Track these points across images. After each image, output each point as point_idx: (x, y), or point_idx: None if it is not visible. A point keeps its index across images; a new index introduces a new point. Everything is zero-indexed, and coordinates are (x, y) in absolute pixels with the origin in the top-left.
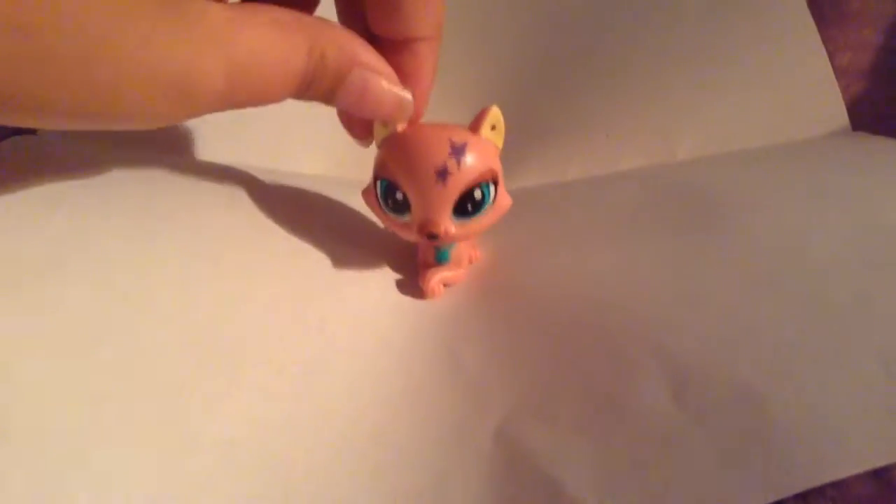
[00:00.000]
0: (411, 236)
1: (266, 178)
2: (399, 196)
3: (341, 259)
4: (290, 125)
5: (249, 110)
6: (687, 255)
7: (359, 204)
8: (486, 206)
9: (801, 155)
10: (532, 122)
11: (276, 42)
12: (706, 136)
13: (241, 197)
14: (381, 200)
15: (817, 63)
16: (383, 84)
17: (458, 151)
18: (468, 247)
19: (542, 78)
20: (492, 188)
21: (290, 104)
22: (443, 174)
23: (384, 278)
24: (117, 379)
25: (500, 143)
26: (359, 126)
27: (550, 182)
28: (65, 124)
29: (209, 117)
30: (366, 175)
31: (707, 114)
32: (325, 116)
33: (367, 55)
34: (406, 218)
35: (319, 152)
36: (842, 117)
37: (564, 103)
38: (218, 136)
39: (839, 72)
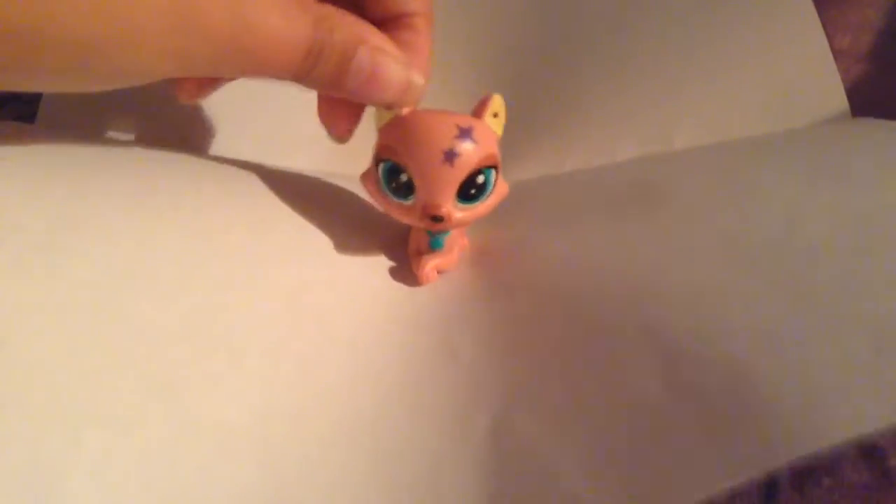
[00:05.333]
0: (412, 220)
1: (266, 169)
2: (403, 178)
3: (339, 250)
4: (284, 122)
5: (244, 106)
6: (679, 239)
7: (354, 197)
8: (488, 192)
9: (799, 140)
10: (528, 114)
11: (282, 11)
12: (703, 125)
13: (242, 185)
14: (383, 183)
15: (816, 47)
16: (393, 64)
17: (464, 134)
18: (460, 234)
19: (537, 69)
20: (493, 173)
21: (284, 100)
22: (450, 156)
23: (382, 270)
24: (114, 360)
25: (500, 132)
26: (340, 120)
27: (547, 174)
28: (77, 65)
29: (201, 116)
30: (359, 171)
31: (704, 102)
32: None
33: (375, 36)
34: (409, 201)
35: (315, 149)
36: (841, 102)
37: (560, 94)
38: (211, 133)
39: (839, 54)
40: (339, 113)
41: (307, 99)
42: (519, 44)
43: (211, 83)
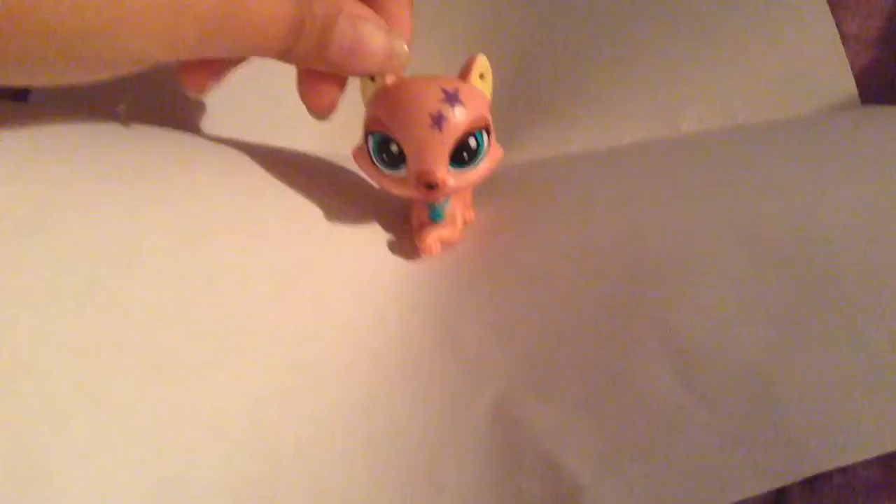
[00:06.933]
0: (407, 191)
1: (261, 148)
2: (394, 149)
3: (338, 229)
4: (280, 102)
5: (242, 86)
6: (692, 228)
7: (352, 175)
8: (482, 155)
9: (808, 126)
10: (532, 95)
11: None
12: (710, 110)
13: (236, 164)
14: (374, 156)
15: (824, 32)
16: (375, 31)
17: (451, 97)
18: (462, 205)
19: (543, 49)
20: (485, 136)
21: (280, 80)
22: (438, 120)
23: (382, 249)
24: (102, 341)
25: (488, 92)
26: (322, 95)
27: (552, 155)
28: (49, 48)
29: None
30: None
31: (711, 86)
32: None
33: (353, 5)
34: (402, 172)
35: (314, 129)
36: (850, 87)
37: (566, 75)
38: (209, 114)
39: (847, 40)
40: (321, 88)
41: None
42: (525, 23)
43: (217, 75)
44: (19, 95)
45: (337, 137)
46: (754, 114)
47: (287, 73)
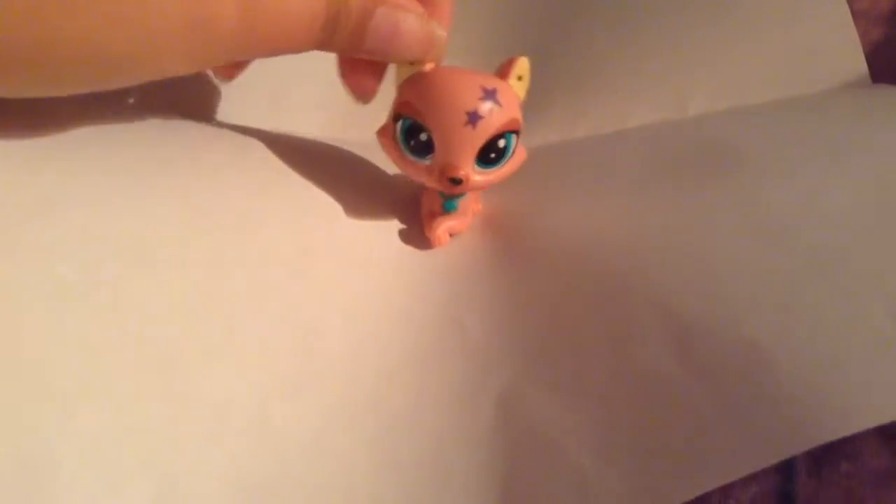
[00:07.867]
0: (428, 181)
1: (268, 134)
2: (423, 137)
3: (344, 216)
4: (288, 86)
5: (247, 72)
6: (695, 210)
7: (360, 162)
8: (508, 157)
9: (817, 106)
10: (538, 78)
11: None
12: (718, 91)
13: (243, 151)
14: (401, 140)
15: (835, 8)
16: (414, 21)
17: (489, 96)
18: (475, 198)
19: (547, 31)
20: (514, 138)
21: (290, 65)
22: (473, 117)
23: (389, 237)
24: (107, 333)
25: (523, 95)
26: (364, 79)
27: (557, 140)
28: (79, 72)
29: (205, 82)
30: (366, 136)
31: (719, 67)
32: (323, 77)
33: None
34: (426, 161)
35: (319, 114)
36: (861, 66)
37: (572, 59)
38: (213, 100)
39: (858, 16)
40: (362, 72)
41: (312, 65)
42: (532, 8)
43: (244, 63)
44: None
45: (340, 123)
46: (764, 93)
47: (290, 59)
